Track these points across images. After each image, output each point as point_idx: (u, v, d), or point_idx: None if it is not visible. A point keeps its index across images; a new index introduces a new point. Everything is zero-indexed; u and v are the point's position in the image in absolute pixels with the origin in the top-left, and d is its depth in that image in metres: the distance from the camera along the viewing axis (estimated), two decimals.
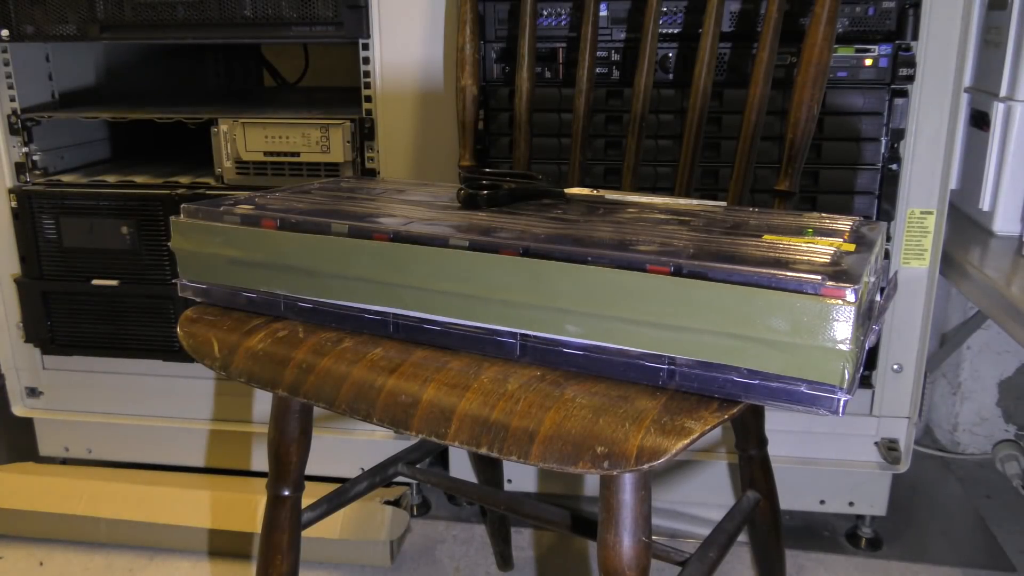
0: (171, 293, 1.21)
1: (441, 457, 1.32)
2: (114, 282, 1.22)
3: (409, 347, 0.60)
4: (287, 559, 0.82)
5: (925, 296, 1.06)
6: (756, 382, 0.50)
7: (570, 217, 0.67)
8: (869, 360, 1.09)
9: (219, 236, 0.66)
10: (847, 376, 0.48)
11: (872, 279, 0.53)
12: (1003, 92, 1.05)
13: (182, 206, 0.71)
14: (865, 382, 1.10)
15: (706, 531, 0.80)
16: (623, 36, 0.99)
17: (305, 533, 0.85)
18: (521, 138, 0.93)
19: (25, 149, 1.22)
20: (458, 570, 1.16)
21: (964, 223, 1.15)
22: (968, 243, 1.09)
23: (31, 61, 1.24)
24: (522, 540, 1.23)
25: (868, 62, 0.95)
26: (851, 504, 1.19)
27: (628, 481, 0.55)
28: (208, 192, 1.17)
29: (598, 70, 0.98)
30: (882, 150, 0.98)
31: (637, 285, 0.52)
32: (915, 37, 0.96)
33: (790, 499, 1.18)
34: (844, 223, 0.61)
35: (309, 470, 0.82)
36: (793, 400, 0.50)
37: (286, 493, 0.81)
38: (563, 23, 1.00)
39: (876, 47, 0.95)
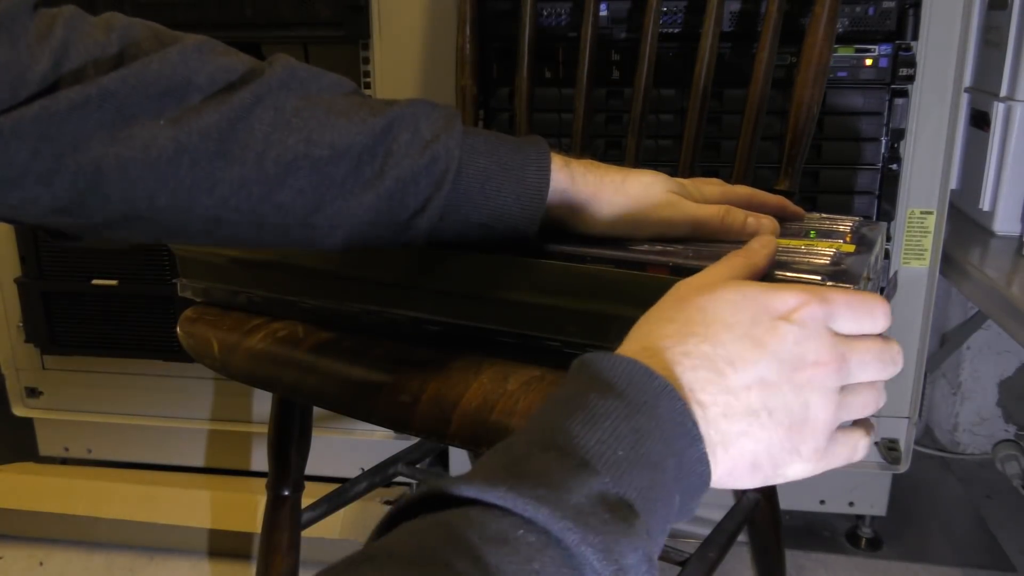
0: (171, 293, 1.21)
1: (441, 457, 1.32)
2: (114, 282, 1.22)
3: (409, 347, 0.60)
4: (287, 559, 0.82)
5: (925, 296, 1.06)
6: None
7: None
8: None
9: None
10: None
11: (872, 279, 0.52)
12: (1003, 92, 1.05)
13: None
14: None
15: (706, 531, 0.80)
16: (623, 36, 0.99)
17: (305, 533, 0.85)
18: None
19: None
20: None
21: (964, 223, 1.15)
22: (968, 243, 1.09)
23: None
24: None
25: (868, 62, 0.95)
26: (851, 504, 1.19)
27: None
28: None
29: (598, 70, 0.98)
30: (882, 150, 0.98)
31: (637, 285, 0.52)
32: (915, 37, 0.96)
33: (790, 499, 1.18)
34: (844, 223, 0.61)
35: (309, 470, 0.82)
36: None
37: (286, 493, 0.81)
38: (563, 23, 1.00)
39: (876, 47, 0.95)
